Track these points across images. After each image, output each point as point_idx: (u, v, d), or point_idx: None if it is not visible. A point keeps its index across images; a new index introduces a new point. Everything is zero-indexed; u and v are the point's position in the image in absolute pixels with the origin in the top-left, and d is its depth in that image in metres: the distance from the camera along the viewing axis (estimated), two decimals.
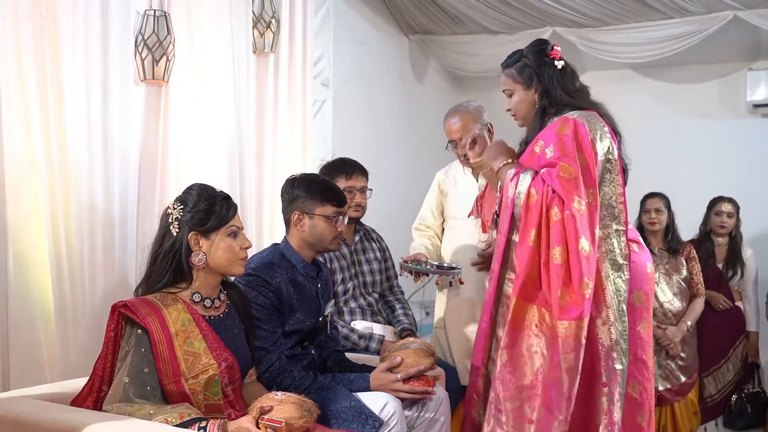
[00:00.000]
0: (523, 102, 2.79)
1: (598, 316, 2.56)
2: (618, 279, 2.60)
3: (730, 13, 4.79)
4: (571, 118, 2.64)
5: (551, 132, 2.66)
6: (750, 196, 4.86)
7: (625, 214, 2.68)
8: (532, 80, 2.76)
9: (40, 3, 2.67)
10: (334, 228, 2.68)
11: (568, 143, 2.59)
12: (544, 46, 2.81)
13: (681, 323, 4.20)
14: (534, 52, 2.79)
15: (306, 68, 4.04)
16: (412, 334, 3.32)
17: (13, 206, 2.60)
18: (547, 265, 2.55)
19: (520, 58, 2.79)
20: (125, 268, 3.02)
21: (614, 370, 2.55)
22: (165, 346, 2.10)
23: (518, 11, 5.15)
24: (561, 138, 2.61)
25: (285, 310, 2.61)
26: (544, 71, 2.75)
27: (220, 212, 2.24)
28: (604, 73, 5.82)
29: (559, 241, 2.53)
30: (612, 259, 2.60)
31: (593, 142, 2.61)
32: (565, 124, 2.63)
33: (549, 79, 2.74)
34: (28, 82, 2.63)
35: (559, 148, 2.60)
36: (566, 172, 2.56)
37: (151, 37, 3.04)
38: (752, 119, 5.57)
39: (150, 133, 3.14)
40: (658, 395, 4.10)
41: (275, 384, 2.48)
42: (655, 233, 4.31)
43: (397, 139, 5.49)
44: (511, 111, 2.84)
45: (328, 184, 2.77)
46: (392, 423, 2.44)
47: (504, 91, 2.84)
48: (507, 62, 2.83)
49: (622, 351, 2.56)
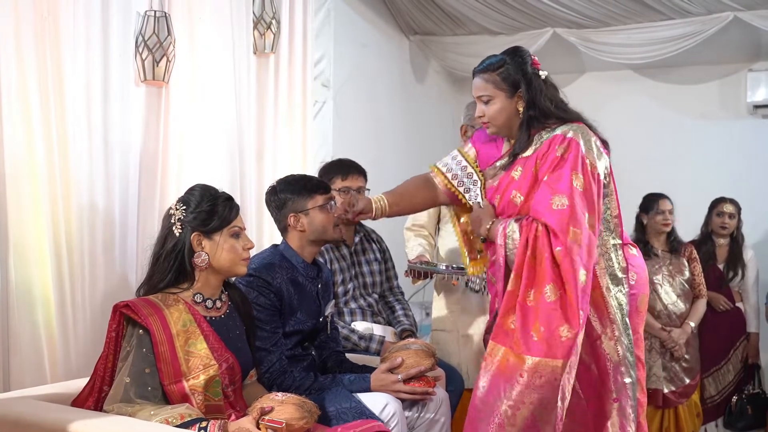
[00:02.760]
0: (504, 111, 2.63)
1: (604, 332, 2.53)
2: (619, 293, 2.56)
3: (731, 14, 4.80)
4: (567, 137, 2.54)
5: (549, 152, 2.55)
6: (750, 197, 4.86)
7: (621, 228, 2.65)
8: (517, 88, 2.61)
9: (41, 4, 2.67)
10: (331, 215, 2.71)
11: (565, 173, 2.49)
12: (525, 54, 2.67)
13: (685, 325, 4.19)
14: (517, 59, 2.64)
15: (306, 69, 4.04)
16: (412, 335, 3.32)
17: (14, 207, 2.60)
18: (523, 307, 2.44)
19: (504, 63, 2.63)
20: (126, 268, 3.02)
21: (624, 384, 2.52)
22: (166, 347, 2.10)
23: (518, 12, 5.15)
24: (559, 163, 2.52)
25: (285, 310, 2.61)
26: (531, 80, 2.61)
27: (222, 213, 2.25)
28: (604, 74, 5.84)
29: (550, 279, 2.43)
30: (611, 274, 2.57)
31: (593, 165, 2.52)
32: (562, 145, 2.53)
33: (536, 89, 2.61)
34: (29, 83, 2.63)
35: (557, 178, 2.50)
36: (560, 203, 2.46)
37: (152, 38, 3.04)
38: (752, 120, 5.57)
39: (150, 134, 3.14)
40: (664, 397, 4.10)
41: (276, 385, 2.49)
42: (659, 235, 4.31)
43: (397, 139, 5.49)
44: (485, 118, 2.67)
45: (306, 177, 2.82)
46: (393, 424, 2.44)
47: (480, 97, 2.66)
48: (486, 66, 2.66)
49: (630, 364, 2.53)
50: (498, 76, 2.62)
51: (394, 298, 3.53)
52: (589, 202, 2.49)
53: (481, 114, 2.67)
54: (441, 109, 5.98)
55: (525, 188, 2.58)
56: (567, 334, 2.37)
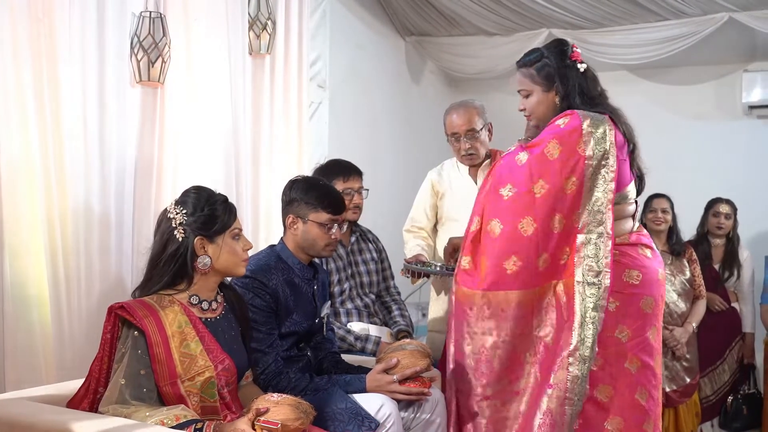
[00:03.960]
0: (542, 104, 2.71)
1: (565, 322, 2.55)
2: (592, 286, 2.53)
3: (726, 14, 4.81)
4: (574, 114, 2.60)
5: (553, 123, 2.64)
6: (745, 198, 4.86)
7: (631, 221, 2.65)
8: (553, 82, 2.67)
9: (37, 5, 2.67)
10: (327, 235, 2.66)
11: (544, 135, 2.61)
12: (565, 47, 2.71)
13: (687, 324, 4.20)
14: (555, 53, 2.69)
15: (302, 70, 4.04)
16: (408, 336, 3.32)
17: (10, 209, 2.60)
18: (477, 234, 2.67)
19: (541, 57, 2.69)
20: (121, 269, 3.02)
21: (567, 374, 2.52)
22: (161, 348, 2.10)
23: (514, 13, 5.16)
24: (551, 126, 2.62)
25: (281, 312, 2.61)
26: (567, 74, 2.67)
27: (223, 216, 2.26)
28: (600, 75, 5.78)
29: (498, 214, 2.60)
30: (588, 265, 2.54)
31: (584, 138, 2.57)
32: (564, 119, 2.60)
33: (573, 84, 2.66)
34: (25, 84, 2.63)
35: (550, 132, 2.60)
36: (521, 160, 2.59)
37: (147, 39, 3.04)
38: (748, 121, 5.59)
39: (146, 135, 3.14)
40: (667, 396, 4.11)
41: (271, 386, 2.49)
42: (659, 234, 4.30)
43: (393, 140, 5.49)
44: (526, 112, 2.75)
45: (326, 190, 2.72)
46: (388, 424, 2.43)
47: (520, 91, 2.75)
48: (525, 61, 2.73)
49: (581, 357, 2.52)
50: (534, 70, 2.69)
51: (391, 298, 3.53)
52: (551, 170, 2.55)
53: (523, 107, 2.75)
54: (437, 110, 5.91)
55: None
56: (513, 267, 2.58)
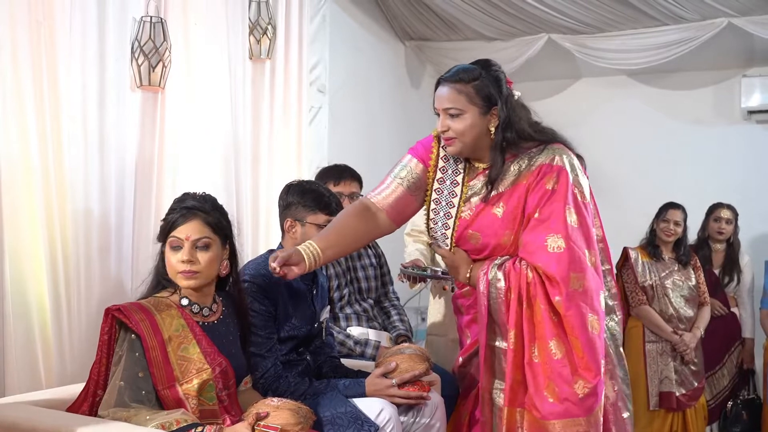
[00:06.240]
0: (475, 128, 2.34)
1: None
2: (611, 322, 2.44)
3: (725, 20, 4.82)
4: (555, 166, 2.32)
5: (538, 185, 2.33)
6: (745, 202, 4.87)
7: (608, 251, 2.51)
8: (492, 105, 2.33)
9: (37, 9, 2.67)
10: None
11: (558, 208, 2.29)
12: (500, 69, 2.40)
13: (695, 329, 4.23)
14: (492, 73, 2.37)
15: (302, 74, 4.04)
16: (407, 340, 3.32)
17: (9, 212, 2.60)
18: (530, 364, 2.28)
19: (479, 76, 2.34)
20: (121, 274, 3.02)
21: (622, 419, 2.43)
22: (158, 352, 2.10)
23: (514, 18, 5.16)
24: (550, 197, 2.30)
25: (280, 316, 2.61)
26: (507, 98, 2.35)
27: (169, 223, 2.21)
28: (599, 80, 5.85)
29: (552, 334, 2.24)
30: (603, 302, 2.36)
31: (582, 194, 2.34)
32: (551, 177, 2.32)
33: (512, 109, 2.35)
34: (25, 88, 2.63)
35: (549, 214, 2.29)
36: (556, 245, 2.25)
37: (148, 44, 3.04)
38: (747, 125, 5.59)
39: (146, 140, 3.14)
40: (677, 400, 4.12)
41: (271, 390, 2.48)
42: (667, 243, 4.32)
43: (393, 145, 5.47)
44: (450, 133, 2.35)
45: (322, 192, 2.74)
46: (388, 429, 2.43)
47: (447, 109, 2.34)
48: (459, 76, 2.35)
49: (626, 397, 2.43)
50: (473, 88, 2.33)
51: (390, 303, 3.53)
52: (587, 238, 2.30)
53: (446, 128, 2.36)
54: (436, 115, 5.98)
55: (514, 226, 2.36)
56: (584, 390, 2.21)
